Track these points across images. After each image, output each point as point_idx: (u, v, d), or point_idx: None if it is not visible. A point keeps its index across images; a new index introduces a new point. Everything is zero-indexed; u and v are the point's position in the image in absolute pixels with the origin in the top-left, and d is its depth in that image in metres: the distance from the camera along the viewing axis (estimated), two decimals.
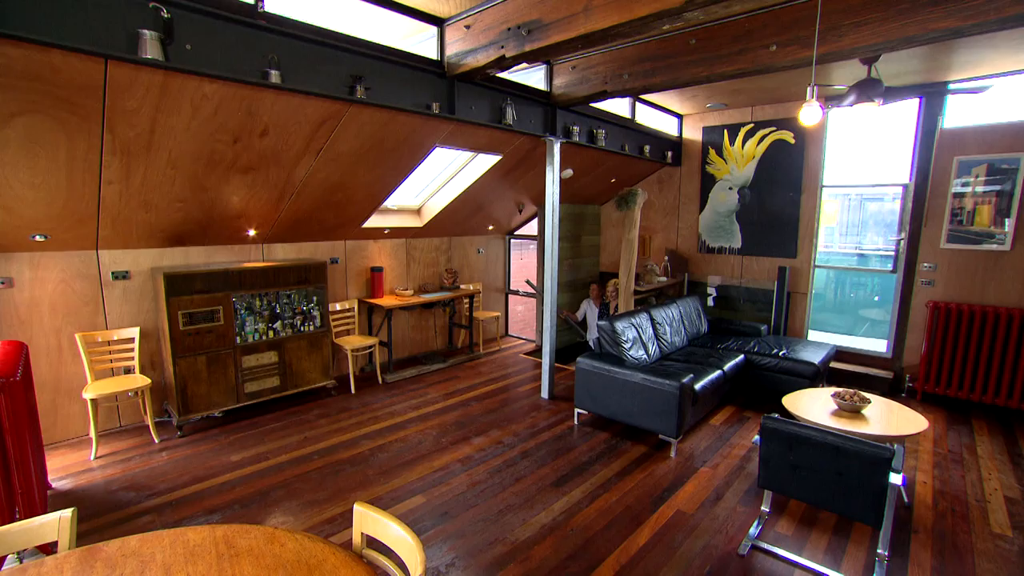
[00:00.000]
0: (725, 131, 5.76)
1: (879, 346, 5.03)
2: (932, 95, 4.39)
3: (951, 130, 4.37)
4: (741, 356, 4.53)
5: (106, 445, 3.52)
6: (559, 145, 4.35)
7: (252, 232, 4.12)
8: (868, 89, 3.11)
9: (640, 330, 4.32)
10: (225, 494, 2.94)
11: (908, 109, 4.57)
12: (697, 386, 3.71)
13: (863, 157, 5.27)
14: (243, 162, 3.18)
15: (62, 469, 3.20)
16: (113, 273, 3.65)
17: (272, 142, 3.10)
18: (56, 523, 1.43)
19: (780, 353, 4.45)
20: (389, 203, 5.11)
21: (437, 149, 4.06)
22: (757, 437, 2.34)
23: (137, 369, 3.69)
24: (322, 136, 3.22)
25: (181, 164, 2.99)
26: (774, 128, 5.35)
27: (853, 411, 3.01)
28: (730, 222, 5.86)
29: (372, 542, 1.52)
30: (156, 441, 3.57)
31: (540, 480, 3.17)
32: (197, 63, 2.31)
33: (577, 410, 4.05)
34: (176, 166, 2.99)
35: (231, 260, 4.20)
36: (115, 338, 3.62)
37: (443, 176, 5.16)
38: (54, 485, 3.00)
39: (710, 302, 6.09)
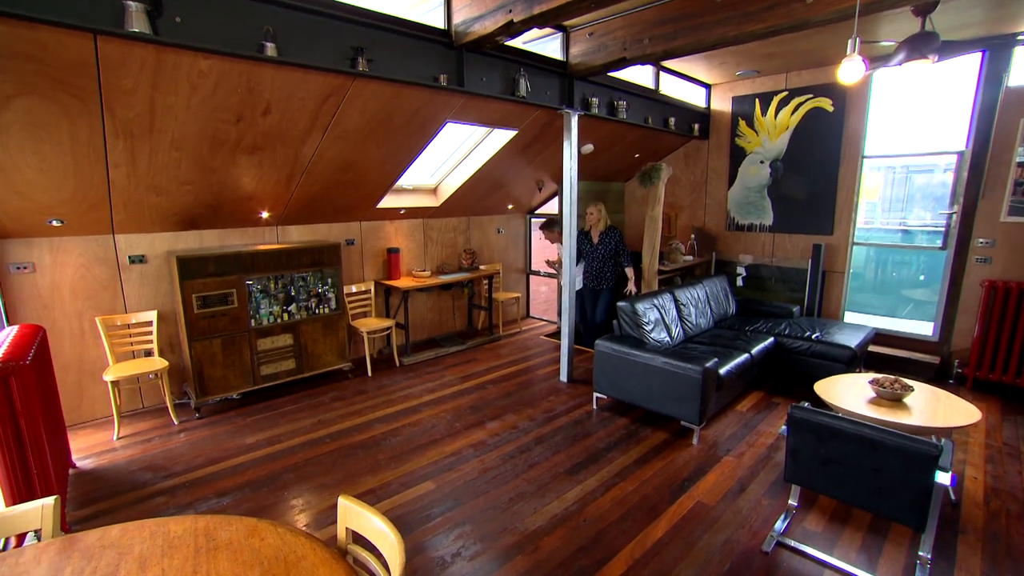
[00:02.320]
0: (756, 100, 5.39)
1: (924, 329, 4.68)
2: (997, 48, 3.93)
3: (1019, 88, 3.93)
4: (771, 339, 4.29)
5: (128, 426, 3.59)
6: (577, 118, 4.13)
7: (265, 214, 4.09)
8: (921, 44, 2.77)
9: (663, 311, 4.13)
10: (237, 476, 2.96)
11: (966, 66, 4.12)
12: (722, 370, 3.52)
13: (911, 123, 4.84)
14: (248, 142, 3.11)
15: (86, 449, 3.28)
16: (130, 257, 3.68)
17: (276, 120, 3.01)
18: (39, 511, 1.40)
19: (813, 336, 4.19)
20: (404, 183, 5.00)
21: (448, 124, 3.91)
22: (784, 427, 2.16)
23: (156, 352, 3.74)
24: (327, 113, 3.11)
25: (185, 145, 2.94)
26: (810, 95, 4.96)
27: (893, 399, 2.77)
28: (761, 198, 5.53)
29: (361, 537, 1.44)
30: (175, 423, 3.63)
31: (554, 467, 3.06)
32: (188, 37, 2.22)
33: (596, 394, 3.92)
34: (180, 148, 2.94)
35: (245, 243, 4.19)
36: (133, 321, 3.67)
37: (459, 153, 5.01)
38: (77, 464, 3.07)
39: (739, 282, 5.81)
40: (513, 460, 3.15)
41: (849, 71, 2.20)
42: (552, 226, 5.21)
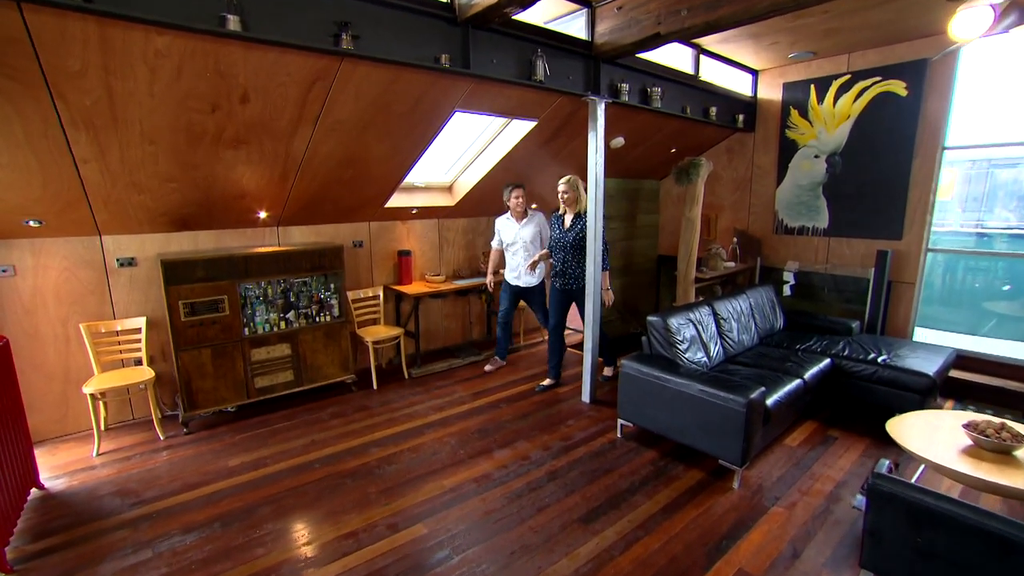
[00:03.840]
0: (812, 87, 4.76)
1: (1020, 351, 3.96)
2: None
3: None
4: (827, 360, 3.70)
5: (112, 440, 3.36)
6: (604, 106, 3.65)
7: (263, 214, 3.79)
8: None
9: (700, 327, 3.60)
10: (210, 508, 2.64)
11: None
12: (770, 401, 2.98)
13: (1006, 108, 4.11)
14: (229, 135, 2.79)
15: (62, 466, 3.05)
16: (118, 260, 3.45)
17: (257, 109, 2.67)
18: None
19: (880, 359, 3.57)
20: (416, 180, 4.65)
21: (458, 114, 3.50)
22: (860, 498, 1.65)
23: (145, 361, 3.50)
24: (315, 100, 2.76)
25: (158, 138, 2.64)
26: (879, 78, 4.30)
27: (1000, 452, 2.19)
28: (814, 197, 4.90)
29: None
30: (161, 438, 3.37)
31: (566, 512, 2.61)
32: (128, 6, 1.89)
33: (620, 421, 3.44)
34: (153, 141, 2.65)
35: (243, 244, 3.91)
36: (119, 328, 3.43)
37: (475, 148, 4.60)
38: (46, 485, 2.83)
39: (787, 291, 5.19)
40: (520, 500, 2.72)
41: (969, 23, 1.66)
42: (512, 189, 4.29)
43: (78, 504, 2.67)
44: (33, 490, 2.76)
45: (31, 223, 2.99)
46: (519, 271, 4.47)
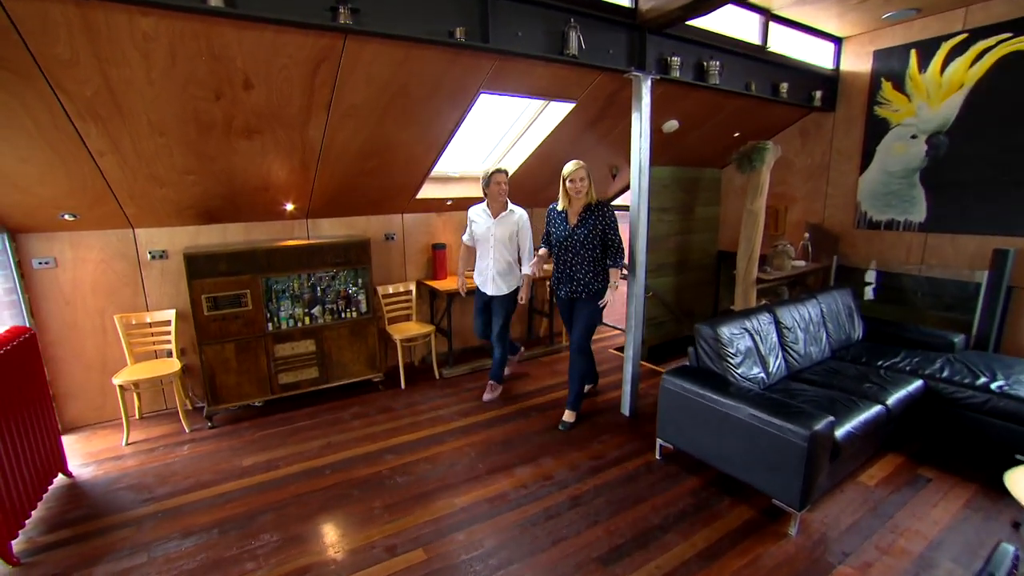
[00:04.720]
0: (913, 52, 4.01)
1: None
2: None
3: None
4: (918, 382, 3.08)
5: (142, 430, 3.43)
6: (650, 83, 3.21)
7: (290, 207, 3.71)
8: None
9: (758, 338, 3.11)
10: (215, 510, 2.57)
11: None
12: (840, 432, 2.48)
13: None
14: (239, 124, 2.67)
15: (94, 454, 3.13)
16: (150, 252, 3.49)
17: (263, 96, 2.52)
18: None
19: (994, 385, 2.90)
20: (449, 170, 4.42)
21: (485, 96, 3.20)
22: None
23: (175, 353, 3.54)
24: (323, 84, 2.57)
25: (168, 129, 2.56)
26: (1009, 35, 3.50)
27: None
28: (908, 185, 4.15)
29: None
30: (186, 431, 3.40)
31: (585, 548, 2.29)
32: None
33: (660, 441, 3.04)
34: (163, 132, 2.57)
35: (271, 237, 3.86)
36: (149, 320, 3.48)
37: (511, 134, 4.29)
38: (75, 473, 2.89)
39: (868, 295, 4.48)
40: (534, 529, 2.42)
41: None
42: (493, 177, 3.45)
43: (95, 496, 2.69)
44: (60, 476, 2.82)
45: (66, 216, 3.05)
46: (487, 275, 3.66)
